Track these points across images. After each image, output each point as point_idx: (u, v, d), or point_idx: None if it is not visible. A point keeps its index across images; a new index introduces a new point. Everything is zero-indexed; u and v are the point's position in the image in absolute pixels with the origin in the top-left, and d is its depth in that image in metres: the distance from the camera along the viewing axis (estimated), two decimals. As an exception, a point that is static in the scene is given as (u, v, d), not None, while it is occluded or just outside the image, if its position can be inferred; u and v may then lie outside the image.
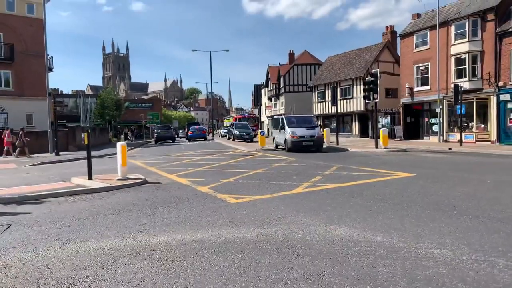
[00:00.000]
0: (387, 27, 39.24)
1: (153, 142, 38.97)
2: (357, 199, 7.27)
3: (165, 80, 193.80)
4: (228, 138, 32.37)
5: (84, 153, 13.88)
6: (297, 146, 19.03)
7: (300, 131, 19.31)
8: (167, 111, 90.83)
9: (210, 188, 8.71)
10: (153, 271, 3.92)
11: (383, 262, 4.01)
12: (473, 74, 25.94)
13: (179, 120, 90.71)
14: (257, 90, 22.34)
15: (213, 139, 44.05)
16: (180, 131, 66.84)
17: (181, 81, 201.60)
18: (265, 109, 67.12)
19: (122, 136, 40.53)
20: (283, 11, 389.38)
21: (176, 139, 46.17)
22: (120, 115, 47.42)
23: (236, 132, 32.22)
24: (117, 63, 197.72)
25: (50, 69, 30.47)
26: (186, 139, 46.27)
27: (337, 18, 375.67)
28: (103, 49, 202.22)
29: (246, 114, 53.25)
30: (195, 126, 48.79)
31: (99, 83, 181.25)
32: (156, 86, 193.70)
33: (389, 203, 6.81)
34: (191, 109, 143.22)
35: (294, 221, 5.74)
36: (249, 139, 30.07)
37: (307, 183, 9.24)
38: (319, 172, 11.31)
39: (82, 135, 10.08)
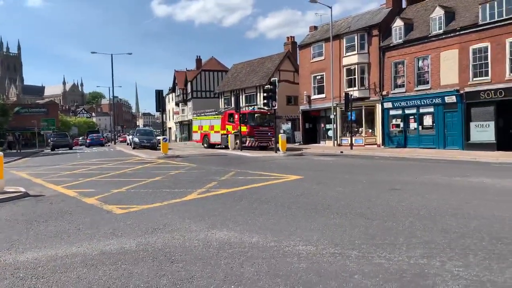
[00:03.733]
0: (288, 37, 41.36)
1: (48, 151, 36.87)
2: (244, 202, 7.58)
3: (64, 83, 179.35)
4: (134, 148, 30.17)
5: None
6: None
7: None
8: (65, 117, 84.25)
9: (97, 199, 8.35)
10: (11, 291, 3.68)
11: (252, 261, 4.27)
12: (362, 83, 28.58)
13: (79, 127, 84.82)
14: (159, 95, 21.90)
15: (108, 145, 45.26)
16: (80, 138, 62.88)
17: (82, 85, 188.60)
18: (173, 115, 66.09)
19: (5, 145, 36.48)
20: (194, 16, 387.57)
21: (76, 146, 46.60)
22: (8, 121, 42.79)
23: (136, 139, 30.63)
24: (6, 64, 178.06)
25: None
26: (86, 146, 46.99)
27: (247, 26, 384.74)
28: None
29: (255, 108, 30.38)
30: (94, 134, 51.56)
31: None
32: (53, 90, 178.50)
33: (272, 205, 7.23)
34: (93, 114, 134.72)
35: (177, 228, 5.80)
36: (151, 147, 29.03)
37: (201, 189, 9.35)
38: (216, 177, 11.51)
39: None
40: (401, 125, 26.37)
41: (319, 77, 31.89)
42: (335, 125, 29.90)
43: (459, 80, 23.09)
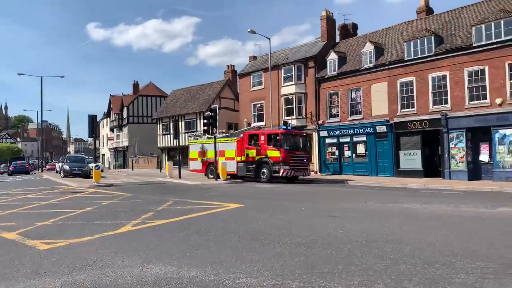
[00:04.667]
0: (228, 66, 42.03)
1: None
2: (182, 233, 7.28)
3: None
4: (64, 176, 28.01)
5: None
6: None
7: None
8: (-16, 142, 77.46)
9: (18, 233, 7.57)
10: None
11: (190, 298, 4.03)
12: (299, 113, 29.55)
13: (2, 153, 78.24)
14: (92, 120, 20.90)
15: (35, 173, 43.43)
16: (2, 165, 57.89)
17: (6, 108, 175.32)
18: (107, 141, 63.39)
19: None
20: (132, 41, 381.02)
21: None
22: None
23: (66, 167, 28.63)
24: None
25: None
26: (8, 174, 44.02)
27: (187, 53, 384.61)
28: None
29: (289, 128, 23.34)
30: (18, 161, 48.82)
31: None
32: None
33: (212, 236, 7.01)
34: (18, 139, 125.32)
35: (109, 264, 5.37)
36: (83, 175, 27.35)
37: (136, 220, 8.86)
38: (153, 207, 11.02)
39: None
40: (336, 153, 27.45)
41: (259, 105, 32.52)
42: (274, 153, 30.33)
43: (389, 111, 24.70)
